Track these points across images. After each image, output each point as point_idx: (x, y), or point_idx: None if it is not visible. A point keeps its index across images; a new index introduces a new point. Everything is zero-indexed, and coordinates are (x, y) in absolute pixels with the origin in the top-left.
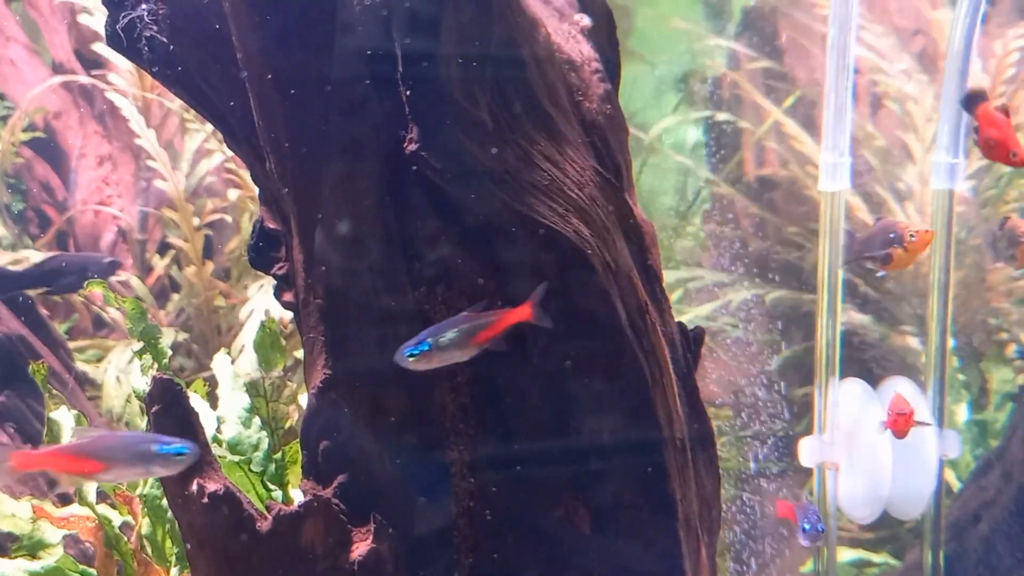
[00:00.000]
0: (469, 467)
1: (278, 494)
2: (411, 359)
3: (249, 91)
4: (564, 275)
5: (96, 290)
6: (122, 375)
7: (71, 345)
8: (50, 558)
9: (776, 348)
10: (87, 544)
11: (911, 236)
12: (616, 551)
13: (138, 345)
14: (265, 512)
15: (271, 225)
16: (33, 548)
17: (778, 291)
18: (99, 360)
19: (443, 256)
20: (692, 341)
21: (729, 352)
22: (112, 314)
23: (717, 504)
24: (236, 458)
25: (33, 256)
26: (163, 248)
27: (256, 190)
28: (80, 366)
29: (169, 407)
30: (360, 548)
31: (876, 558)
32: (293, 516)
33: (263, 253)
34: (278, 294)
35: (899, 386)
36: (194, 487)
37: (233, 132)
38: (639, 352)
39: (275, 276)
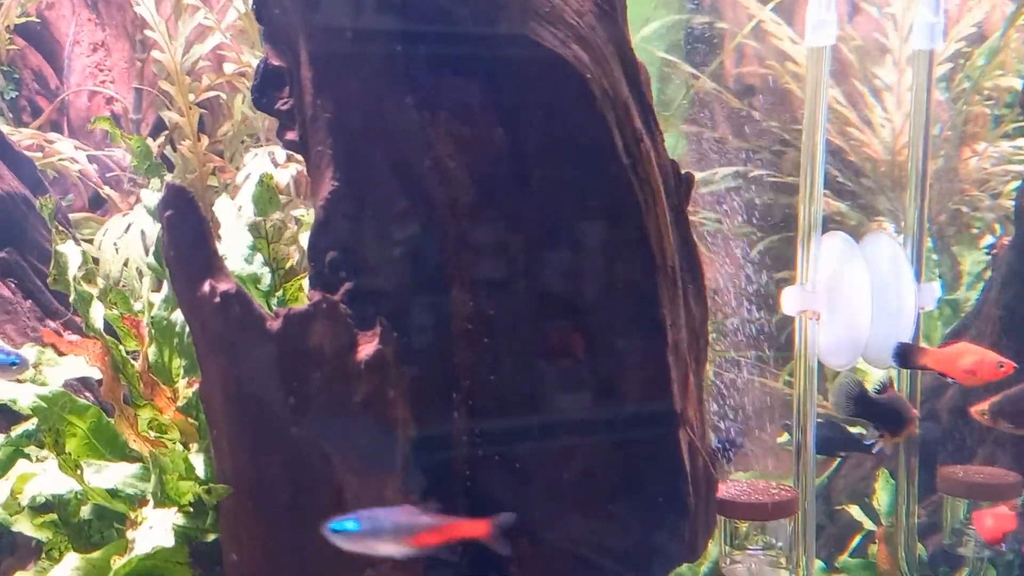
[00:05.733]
0: (468, 289)
1: None
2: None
3: None
4: (564, 99)
5: (103, 125)
6: (119, 242)
7: None
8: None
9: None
10: (87, 395)
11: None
12: (607, 374)
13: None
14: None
15: (275, 62)
16: None
17: (759, 171)
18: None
19: (445, 79)
20: (684, 182)
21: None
22: (107, 192)
23: (705, 335)
24: (244, 272)
25: None
26: (157, 130)
27: (249, 73)
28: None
29: (182, 212)
30: (366, 350)
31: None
32: (302, 315)
33: (267, 92)
34: (281, 134)
35: (881, 239)
36: (206, 288)
37: None
38: (634, 179)
39: (278, 113)
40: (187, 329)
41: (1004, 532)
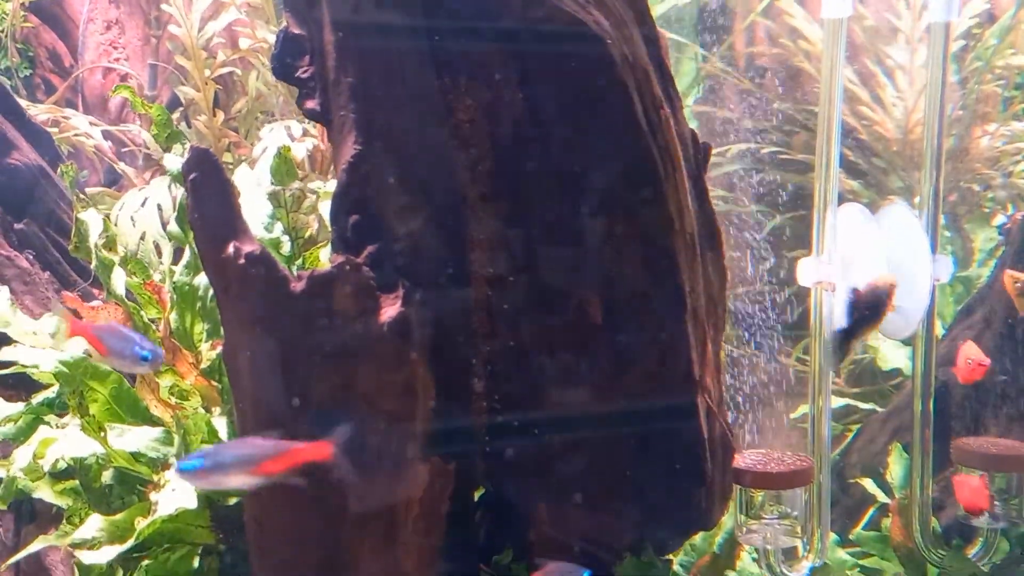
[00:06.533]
0: (487, 254)
1: None
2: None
3: None
4: (583, 64)
5: (124, 93)
6: (135, 216)
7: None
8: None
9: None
10: None
11: None
12: (625, 340)
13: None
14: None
15: (295, 31)
16: None
17: (769, 147)
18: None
19: (465, 45)
20: (701, 150)
21: None
22: (122, 167)
23: (723, 302)
24: (265, 239)
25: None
26: (171, 107)
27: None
28: None
29: (207, 175)
30: (389, 312)
31: (863, 405)
32: (326, 277)
33: (287, 60)
34: (301, 102)
35: (897, 209)
36: (231, 249)
37: None
38: (653, 145)
39: (299, 81)
40: (210, 292)
41: (980, 508)
